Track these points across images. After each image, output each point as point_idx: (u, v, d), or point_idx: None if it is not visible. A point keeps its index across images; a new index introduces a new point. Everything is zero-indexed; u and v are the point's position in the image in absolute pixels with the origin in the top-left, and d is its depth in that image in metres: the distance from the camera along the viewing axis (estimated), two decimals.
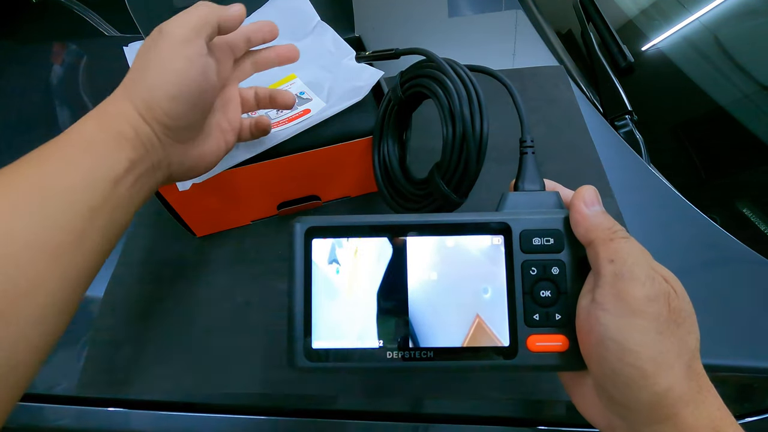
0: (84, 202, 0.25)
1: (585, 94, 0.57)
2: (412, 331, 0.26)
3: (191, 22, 0.29)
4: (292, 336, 0.26)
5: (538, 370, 0.26)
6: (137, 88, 0.29)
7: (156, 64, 0.28)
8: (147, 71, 0.28)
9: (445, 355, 0.26)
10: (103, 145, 0.26)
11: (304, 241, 0.27)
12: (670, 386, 0.21)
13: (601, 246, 0.24)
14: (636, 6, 0.66)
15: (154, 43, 0.29)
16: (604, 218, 0.25)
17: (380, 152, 0.42)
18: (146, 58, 0.29)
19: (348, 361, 0.26)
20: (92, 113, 0.28)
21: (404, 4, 0.72)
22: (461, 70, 0.35)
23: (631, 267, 0.23)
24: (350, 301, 0.27)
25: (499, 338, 0.26)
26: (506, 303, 0.26)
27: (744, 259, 0.43)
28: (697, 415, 0.21)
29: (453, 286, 0.27)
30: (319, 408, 0.39)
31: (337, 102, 0.43)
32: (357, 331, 0.26)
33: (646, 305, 0.22)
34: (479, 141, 0.33)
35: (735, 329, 0.39)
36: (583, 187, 0.26)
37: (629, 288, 0.22)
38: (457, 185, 0.34)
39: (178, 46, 0.28)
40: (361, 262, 0.27)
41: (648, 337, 0.22)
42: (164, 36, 0.29)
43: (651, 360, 0.21)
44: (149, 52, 0.29)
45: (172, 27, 0.29)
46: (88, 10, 0.73)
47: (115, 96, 0.29)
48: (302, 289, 0.26)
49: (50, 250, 0.23)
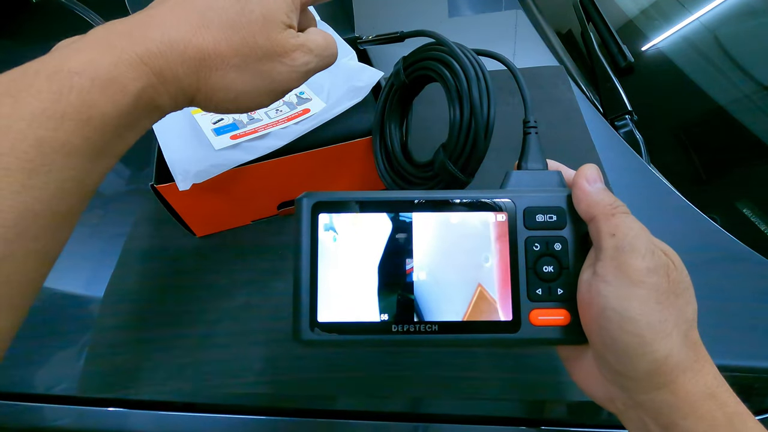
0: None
1: (585, 94, 0.57)
2: (417, 305, 0.27)
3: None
4: (297, 309, 0.26)
5: (540, 344, 0.27)
6: (177, 67, 0.23)
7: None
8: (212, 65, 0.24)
9: (449, 329, 0.26)
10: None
11: (310, 215, 0.27)
12: (668, 353, 0.22)
13: (603, 221, 0.24)
14: (636, 6, 0.66)
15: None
16: (605, 194, 0.26)
17: (382, 137, 0.42)
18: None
19: (353, 334, 0.26)
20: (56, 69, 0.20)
21: (404, 4, 0.72)
22: (469, 52, 0.35)
23: (632, 240, 0.23)
24: (356, 275, 0.27)
25: (502, 311, 0.27)
26: (510, 278, 0.27)
27: (744, 259, 0.43)
28: (695, 381, 0.22)
29: (457, 261, 0.27)
30: (319, 408, 0.39)
31: (337, 103, 0.43)
32: (362, 305, 0.27)
33: (646, 276, 0.23)
34: (487, 121, 0.33)
35: (735, 329, 0.39)
36: (585, 165, 0.27)
37: (630, 260, 0.23)
38: (464, 165, 0.35)
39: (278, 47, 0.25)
40: (367, 236, 0.27)
41: (647, 307, 0.22)
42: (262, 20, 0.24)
43: (650, 327, 0.22)
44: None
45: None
46: (88, 10, 0.73)
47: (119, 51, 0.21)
48: (308, 263, 0.27)
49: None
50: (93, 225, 0.50)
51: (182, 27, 0.23)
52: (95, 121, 0.20)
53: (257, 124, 0.42)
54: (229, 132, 0.41)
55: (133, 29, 0.22)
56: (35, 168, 0.18)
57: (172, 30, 0.22)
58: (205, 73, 0.24)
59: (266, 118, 0.43)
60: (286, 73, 0.26)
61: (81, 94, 0.19)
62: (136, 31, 0.22)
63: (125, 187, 0.53)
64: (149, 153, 0.42)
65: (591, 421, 0.37)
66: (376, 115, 0.42)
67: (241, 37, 0.24)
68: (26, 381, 0.40)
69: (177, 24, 0.23)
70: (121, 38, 0.21)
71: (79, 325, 0.42)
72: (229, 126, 0.42)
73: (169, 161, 0.38)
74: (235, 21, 0.24)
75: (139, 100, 0.21)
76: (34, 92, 0.19)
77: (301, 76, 0.27)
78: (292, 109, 0.43)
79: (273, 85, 0.26)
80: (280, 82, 0.26)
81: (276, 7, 0.25)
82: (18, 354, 0.41)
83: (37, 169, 0.18)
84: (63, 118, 0.19)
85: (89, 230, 0.49)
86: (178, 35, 0.22)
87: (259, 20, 0.24)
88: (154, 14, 0.23)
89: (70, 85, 0.19)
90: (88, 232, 0.49)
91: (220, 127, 0.42)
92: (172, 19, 0.23)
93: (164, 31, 0.22)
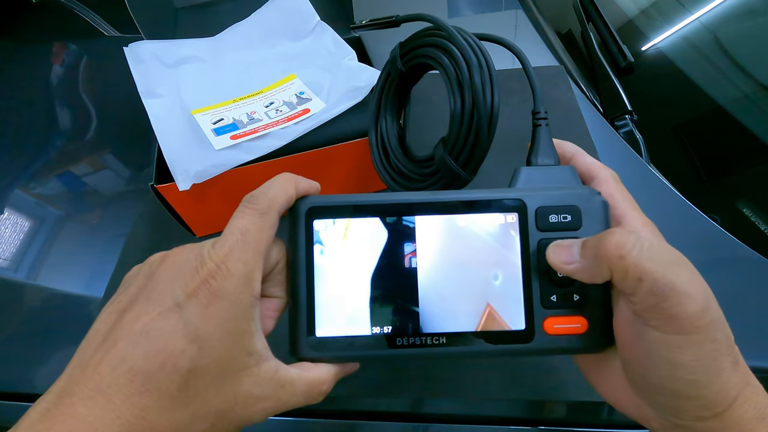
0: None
1: (585, 94, 0.57)
2: (423, 316, 0.25)
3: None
4: (294, 324, 0.25)
5: (555, 354, 0.25)
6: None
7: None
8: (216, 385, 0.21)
9: (459, 341, 0.25)
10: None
11: (305, 222, 0.25)
12: (721, 388, 0.20)
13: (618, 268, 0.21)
14: (636, 6, 0.66)
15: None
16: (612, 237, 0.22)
17: (378, 130, 0.39)
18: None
19: (355, 349, 0.25)
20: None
21: (404, 5, 0.72)
22: (470, 37, 0.32)
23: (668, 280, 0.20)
24: (355, 285, 0.25)
25: (515, 320, 0.25)
26: (522, 284, 0.25)
27: (744, 259, 0.43)
28: (745, 408, 0.20)
29: (465, 268, 0.25)
30: (319, 408, 0.38)
31: (337, 103, 0.43)
32: (362, 317, 0.25)
33: (699, 320, 0.20)
34: (490, 111, 0.30)
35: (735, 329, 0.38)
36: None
37: (676, 307, 0.20)
38: (465, 161, 0.32)
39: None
40: (365, 244, 0.25)
41: (703, 350, 0.20)
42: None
43: (705, 371, 0.20)
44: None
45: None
46: (88, 10, 0.73)
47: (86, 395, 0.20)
48: (305, 274, 0.25)
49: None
50: (93, 225, 0.50)
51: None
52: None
53: (257, 124, 0.42)
54: (229, 132, 0.41)
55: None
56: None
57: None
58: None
59: (266, 118, 0.43)
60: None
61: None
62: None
63: (125, 187, 0.53)
64: (149, 153, 0.42)
65: (591, 421, 0.37)
66: (372, 106, 0.40)
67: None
68: (26, 381, 0.40)
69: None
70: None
71: (79, 325, 0.42)
72: (229, 126, 0.42)
73: (169, 161, 0.38)
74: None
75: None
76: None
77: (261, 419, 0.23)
78: (292, 109, 0.43)
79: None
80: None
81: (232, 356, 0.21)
82: (18, 354, 0.41)
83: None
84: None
85: (89, 230, 0.49)
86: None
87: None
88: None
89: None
90: (88, 232, 0.49)
91: (220, 127, 0.42)
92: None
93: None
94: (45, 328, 0.43)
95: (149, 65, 0.47)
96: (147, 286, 0.22)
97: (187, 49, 0.49)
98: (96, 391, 0.19)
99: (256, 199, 0.23)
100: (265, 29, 0.51)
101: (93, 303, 0.43)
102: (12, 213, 0.51)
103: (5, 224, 0.50)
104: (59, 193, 0.53)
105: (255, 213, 0.23)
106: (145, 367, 0.20)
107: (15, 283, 0.46)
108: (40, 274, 0.46)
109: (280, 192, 0.24)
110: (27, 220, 0.50)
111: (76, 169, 0.54)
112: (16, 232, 0.49)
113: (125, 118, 0.57)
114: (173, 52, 0.48)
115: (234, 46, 0.51)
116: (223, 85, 0.47)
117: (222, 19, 0.52)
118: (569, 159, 0.29)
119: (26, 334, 0.43)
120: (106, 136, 0.57)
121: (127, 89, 0.45)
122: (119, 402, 0.19)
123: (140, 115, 0.42)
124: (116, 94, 0.58)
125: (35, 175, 0.54)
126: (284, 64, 0.50)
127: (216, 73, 0.49)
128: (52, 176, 0.54)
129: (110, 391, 0.19)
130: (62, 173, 0.54)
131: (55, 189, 0.53)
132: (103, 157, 0.56)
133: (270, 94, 0.46)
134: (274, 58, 0.50)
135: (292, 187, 0.25)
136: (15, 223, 0.50)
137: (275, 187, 0.24)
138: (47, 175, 0.54)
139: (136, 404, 0.19)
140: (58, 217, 0.50)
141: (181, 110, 0.44)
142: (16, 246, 0.48)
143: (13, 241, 0.49)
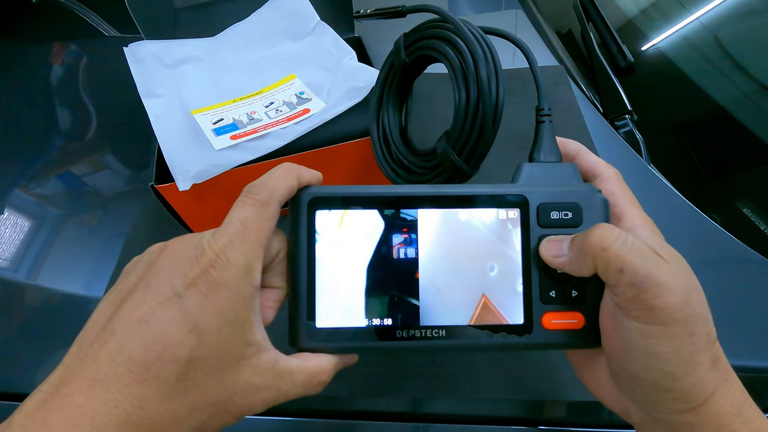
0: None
1: (585, 94, 0.57)
2: (424, 309, 0.25)
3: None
4: (294, 314, 0.25)
5: (552, 348, 0.26)
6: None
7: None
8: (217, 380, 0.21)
9: (458, 334, 0.25)
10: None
11: (307, 212, 0.25)
12: (697, 382, 0.21)
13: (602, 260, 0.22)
14: (636, 6, 0.66)
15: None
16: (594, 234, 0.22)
17: (380, 122, 0.39)
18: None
19: (355, 340, 0.25)
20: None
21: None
22: (476, 30, 0.32)
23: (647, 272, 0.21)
24: (356, 276, 0.25)
25: (514, 315, 0.25)
26: (521, 279, 0.25)
27: (744, 259, 0.43)
28: (722, 402, 0.21)
29: (465, 262, 0.26)
30: (319, 408, 0.38)
31: (337, 103, 0.43)
32: (362, 309, 0.25)
33: (677, 312, 0.20)
34: (495, 104, 0.30)
35: (735, 329, 0.39)
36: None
37: (655, 299, 0.20)
38: (469, 155, 0.32)
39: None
40: (368, 236, 0.25)
41: (680, 343, 0.20)
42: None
43: (682, 364, 0.20)
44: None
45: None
46: (88, 10, 0.73)
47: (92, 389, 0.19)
48: (305, 264, 0.25)
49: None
50: (93, 225, 0.50)
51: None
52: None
53: (257, 124, 0.42)
54: (229, 132, 0.41)
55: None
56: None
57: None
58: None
59: (266, 118, 0.43)
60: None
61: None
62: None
63: (125, 187, 0.53)
64: (149, 153, 0.42)
65: (591, 421, 0.37)
66: (374, 98, 0.39)
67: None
68: (26, 381, 0.40)
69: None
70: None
71: (79, 325, 0.42)
72: (229, 126, 0.42)
73: (169, 161, 0.38)
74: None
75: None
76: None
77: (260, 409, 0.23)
78: (292, 109, 0.43)
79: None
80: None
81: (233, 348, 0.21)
82: (18, 354, 0.41)
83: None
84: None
85: (89, 230, 0.49)
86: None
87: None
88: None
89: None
90: (88, 232, 0.49)
91: (220, 127, 0.42)
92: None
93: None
94: (45, 328, 0.43)
95: (149, 65, 0.47)
96: (146, 275, 0.22)
97: (187, 49, 0.49)
98: (94, 380, 0.19)
99: (257, 189, 0.23)
100: (265, 29, 0.51)
101: (93, 303, 0.43)
102: (12, 213, 0.51)
103: (5, 224, 0.50)
104: (59, 193, 0.53)
105: (256, 203, 0.23)
106: (143, 356, 0.19)
107: (15, 283, 0.46)
108: (40, 274, 0.46)
109: (282, 182, 0.24)
110: (27, 220, 0.50)
111: (76, 169, 0.54)
112: (16, 232, 0.49)
113: (125, 119, 0.57)
114: (173, 52, 0.48)
115: (234, 46, 0.51)
116: (223, 85, 0.47)
117: (222, 19, 0.52)
118: (573, 156, 0.30)
119: (26, 334, 0.43)
120: (106, 136, 0.57)
121: (127, 89, 0.45)
122: (117, 391, 0.19)
123: (140, 115, 0.42)
124: (116, 94, 0.58)
125: (35, 175, 0.54)
126: (284, 64, 0.50)
127: (216, 73, 0.49)
128: (52, 176, 0.54)
129: (108, 380, 0.19)
130: (62, 173, 0.54)
131: (55, 189, 0.53)
132: (103, 157, 0.56)
133: (270, 94, 0.46)
134: (274, 58, 0.50)
135: (294, 178, 0.25)
136: (15, 223, 0.50)
137: (277, 177, 0.24)
138: (47, 175, 0.54)
139: (134, 394, 0.19)
140: (58, 217, 0.50)
141: (181, 110, 0.44)
142: (16, 246, 0.48)
143: (13, 241, 0.49)
